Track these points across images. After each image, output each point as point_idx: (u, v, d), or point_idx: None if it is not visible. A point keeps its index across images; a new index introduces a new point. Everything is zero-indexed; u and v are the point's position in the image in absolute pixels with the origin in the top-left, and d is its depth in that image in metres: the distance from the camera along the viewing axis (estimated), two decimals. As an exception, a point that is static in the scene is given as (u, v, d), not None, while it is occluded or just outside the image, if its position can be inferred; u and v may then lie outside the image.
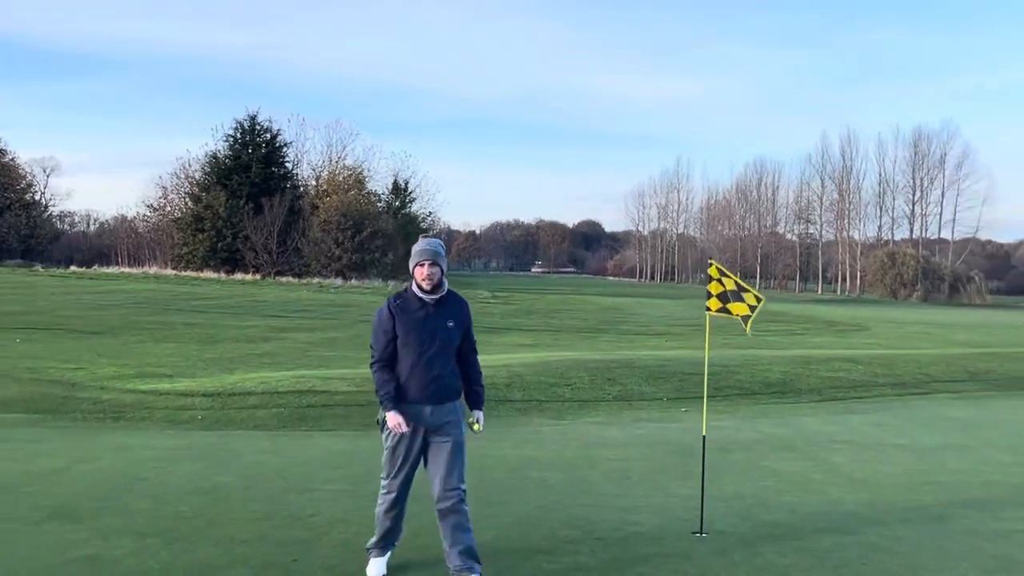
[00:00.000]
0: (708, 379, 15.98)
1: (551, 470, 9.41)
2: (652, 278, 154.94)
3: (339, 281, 60.30)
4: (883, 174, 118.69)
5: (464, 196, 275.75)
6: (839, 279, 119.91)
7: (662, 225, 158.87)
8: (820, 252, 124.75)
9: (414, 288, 5.78)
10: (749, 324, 7.68)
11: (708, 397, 14.98)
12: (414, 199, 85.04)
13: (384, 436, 5.83)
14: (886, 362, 18.65)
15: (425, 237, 5.98)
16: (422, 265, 5.69)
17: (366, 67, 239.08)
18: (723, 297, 7.50)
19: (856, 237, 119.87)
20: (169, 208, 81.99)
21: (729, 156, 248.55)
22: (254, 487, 8.37)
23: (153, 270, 69.55)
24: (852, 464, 9.97)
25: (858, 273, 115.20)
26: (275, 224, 66.75)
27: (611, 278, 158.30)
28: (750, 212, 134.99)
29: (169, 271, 67.73)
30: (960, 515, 7.76)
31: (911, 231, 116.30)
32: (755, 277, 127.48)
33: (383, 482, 5.94)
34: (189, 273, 65.47)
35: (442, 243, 5.96)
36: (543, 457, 10.17)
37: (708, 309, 7.61)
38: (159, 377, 16.74)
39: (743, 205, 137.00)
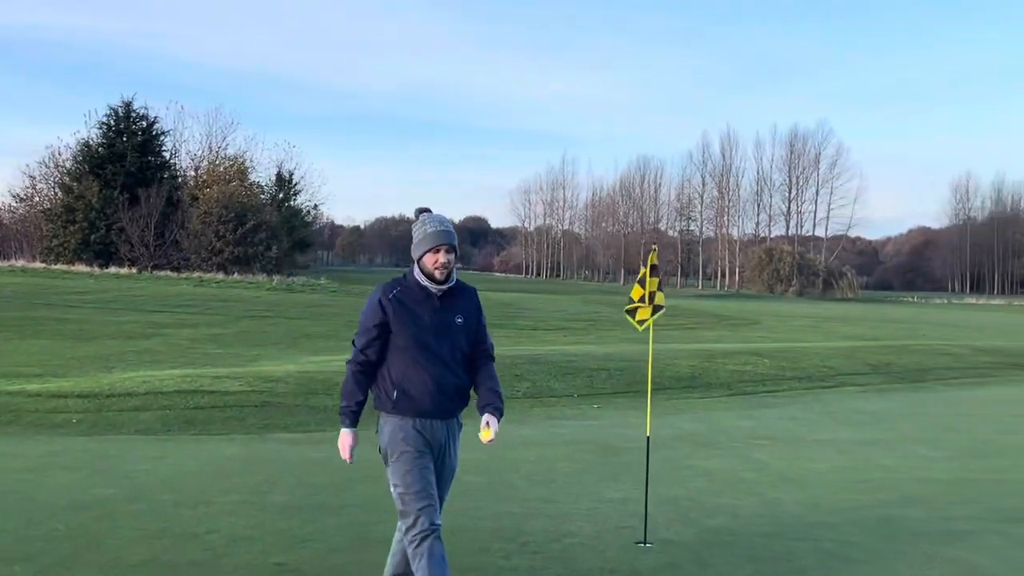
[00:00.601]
0: (619, 375, 15.68)
1: (471, 474, 8.69)
2: (538, 274, 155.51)
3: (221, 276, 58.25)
4: (761, 172, 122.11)
5: (347, 191, 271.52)
6: (719, 275, 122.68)
7: (548, 222, 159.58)
8: (700, 248, 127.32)
9: (417, 275, 4.59)
10: (644, 325, 7.18)
11: (619, 394, 14.62)
12: (299, 191, 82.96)
13: (389, 470, 4.57)
14: (790, 355, 18.59)
15: (426, 212, 4.72)
16: (436, 251, 4.49)
17: (247, 58, 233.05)
18: (642, 281, 6.99)
19: (735, 234, 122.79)
20: (38, 199, 77.84)
21: (614, 154, 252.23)
22: (140, 500, 7.43)
23: (20, 263, 65.91)
24: (779, 461, 9.60)
25: (737, 269, 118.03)
26: (152, 216, 63.96)
27: (498, 274, 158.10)
28: (634, 209, 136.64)
29: (38, 264, 64.25)
30: (904, 515, 7.41)
31: (787, 228, 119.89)
32: (637, 273, 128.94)
33: (410, 531, 4.46)
34: (60, 266, 62.11)
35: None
36: (462, 459, 9.45)
37: (631, 301, 7.06)
38: (27, 377, 15.36)
39: (627, 202, 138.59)
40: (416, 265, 4.61)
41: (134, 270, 59.79)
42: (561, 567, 5.90)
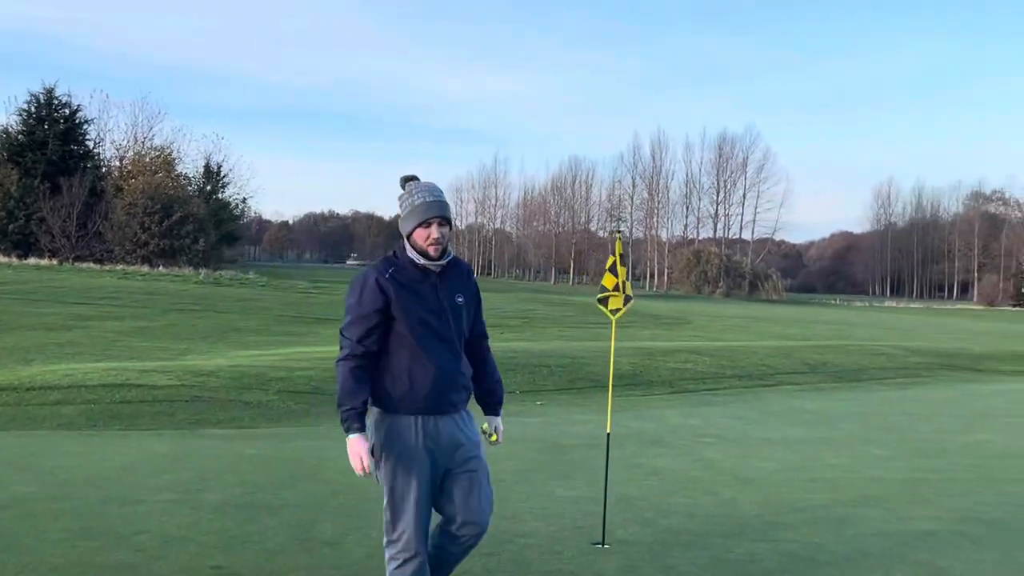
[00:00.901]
0: (560, 371, 15.45)
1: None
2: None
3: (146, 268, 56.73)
4: (690, 175, 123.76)
5: (276, 185, 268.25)
6: (648, 276, 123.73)
7: (479, 220, 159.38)
8: (631, 249, 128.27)
9: (409, 253, 4.04)
10: (619, 314, 6.92)
11: (562, 390, 14.39)
12: (227, 184, 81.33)
13: (380, 471, 4.03)
14: (728, 354, 18.57)
15: (413, 180, 4.19)
16: (428, 225, 3.95)
17: (174, 48, 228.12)
18: (613, 269, 6.72)
19: (664, 235, 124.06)
20: (-48, 187, 75.09)
21: (546, 153, 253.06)
22: (64, 499, 6.95)
23: (-68, 253, 63.47)
24: (729, 460, 9.44)
25: (666, 270, 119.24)
26: (74, 206, 62.05)
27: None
28: (565, 209, 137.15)
29: (-48, 255, 61.97)
30: (863, 516, 7.26)
31: (715, 230, 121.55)
32: (568, 273, 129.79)
33: (391, 545, 4.06)
34: (-26, 257, 60.06)
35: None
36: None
37: (604, 288, 6.79)
38: (-60, 369, 14.58)
39: (558, 202, 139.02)
40: (406, 242, 4.05)
41: (55, 261, 58.07)
42: (518, 569, 5.62)
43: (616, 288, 6.72)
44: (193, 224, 64.25)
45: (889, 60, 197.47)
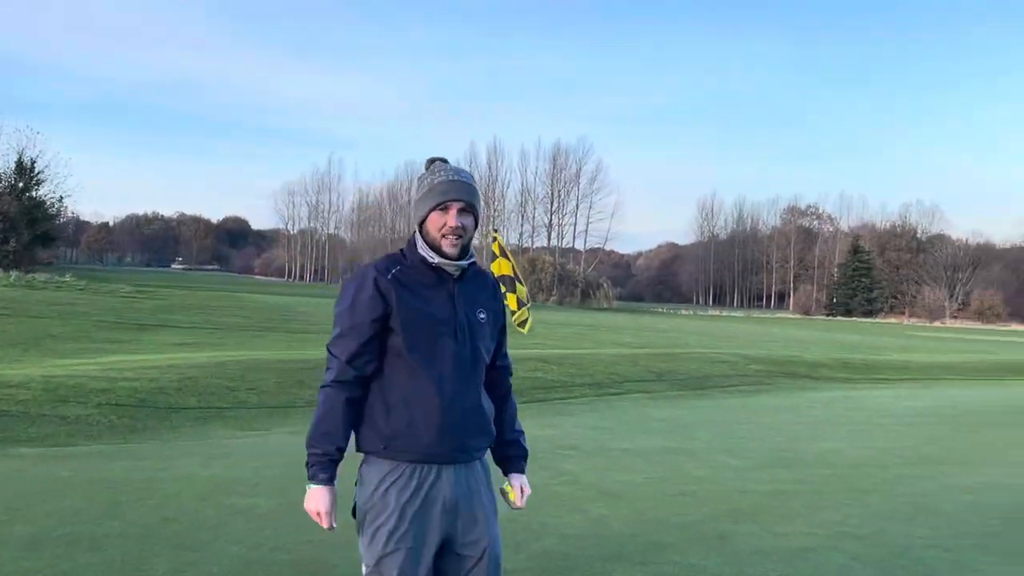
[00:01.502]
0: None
1: (257, 495, 7.59)
2: (302, 278, 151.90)
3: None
4: (525, 184, 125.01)
5: (96, 185, 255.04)
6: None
7: (313, 224, 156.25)
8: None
9: (421, 249, 3.12)
10: (528, 325, 6.41)
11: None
12: (42, 181, 76.35)
13: (363, 539, 3.07)
14: (576, 362, 18.34)
15: (439, 161, 3.30)
16: (446, 209, 3.09)
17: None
18: (505, 282, 6.18)
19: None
20: None
21: (381, 159, 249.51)
22: None
23: None
24: (591, 473, 9.04)
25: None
26: None
27: (259, 277, 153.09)
28: (400, 215, 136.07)
29: None
30: (739, 532, 6.97)
31: (549, 239, 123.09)
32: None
33: None
34: None
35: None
36: (243, 478, 8.28)
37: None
38: None
39: (394, 208, 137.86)
40: (417, 234, 3.16)
41: None
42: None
43: (521, 304, 6.21)
44: (3, 223, 60.06)
45: (715, 80, 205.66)
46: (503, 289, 6.08)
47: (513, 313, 6.22)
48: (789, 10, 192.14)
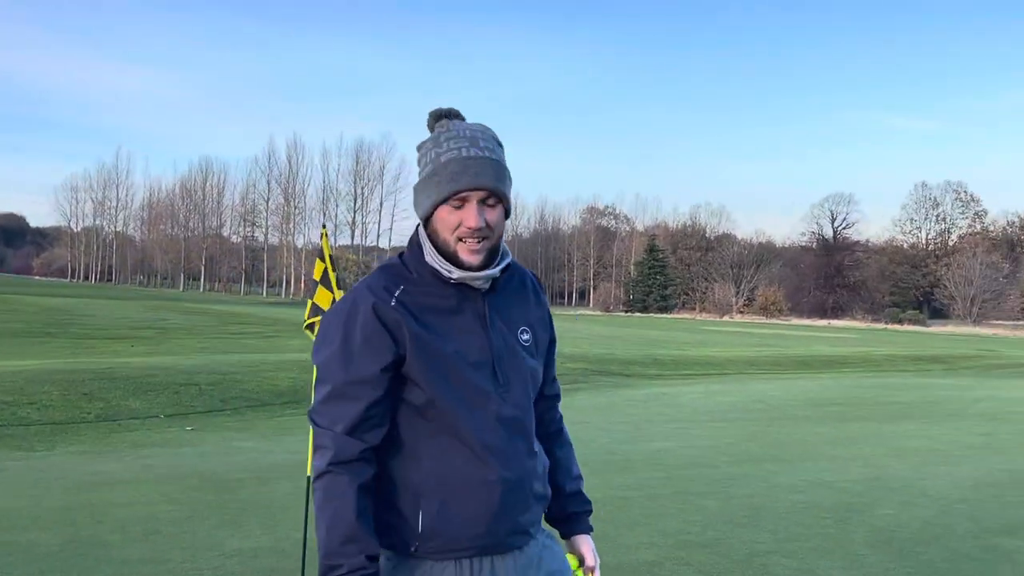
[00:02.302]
0: (211, 390, 13.68)
1: (40, 529, 6.57)
2: (87, 278, 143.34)
3: None
4: (327, 182, 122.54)
5: None
6: (283, 282, 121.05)
7: (99, 222, 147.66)
8: (266, 255, 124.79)
9: (431, 259, 2.13)
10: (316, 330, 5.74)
11: (214, 412, 12.67)
12: None
13: None
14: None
15: (449, 118, 2.28)
16: (461, 202, 2.11)
17: None
18: (312, 287, 5.52)
19: (300, 242, 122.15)
20: None
21: (173, 154, 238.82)
22: None
23: None
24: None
25: (302, 276, 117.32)
26: None
27: (38, 278, 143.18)
28: (195, 212, 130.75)
29: None
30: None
31: (352, 238, 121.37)
32: (200, 279, 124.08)
33: None
34: None
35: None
36: (21, 509, 7.19)
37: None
38: None
39: (188, 204, 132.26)
40: (422, 234, 2.18)
41: None
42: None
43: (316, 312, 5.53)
44: None
45: (516, 80, 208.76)
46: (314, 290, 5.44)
47: (304, 321, 5.56)
48: (590, 14, 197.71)
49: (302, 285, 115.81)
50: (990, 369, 28.86)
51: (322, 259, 5.61)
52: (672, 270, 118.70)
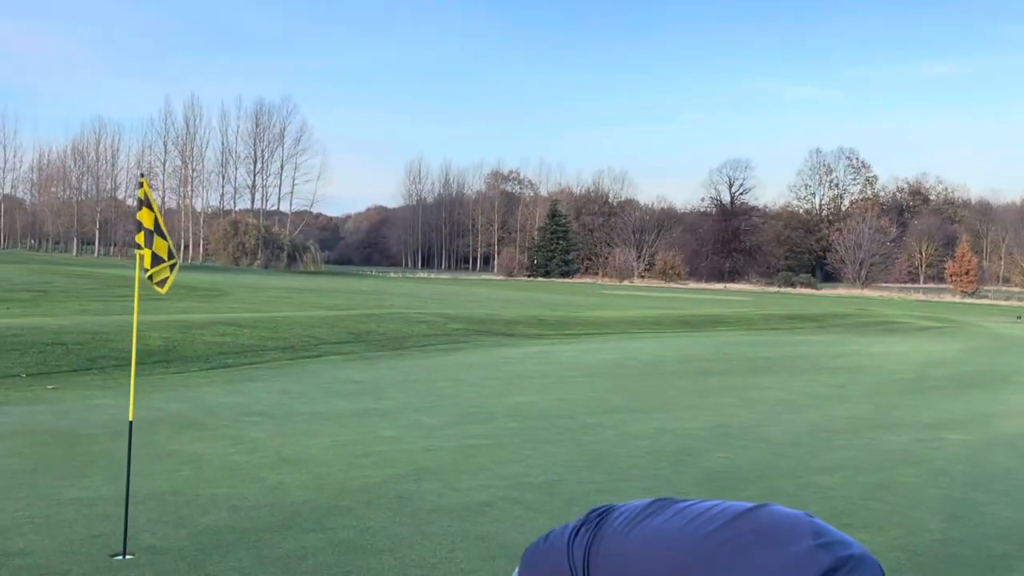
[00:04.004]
0: (78, 349, 13.49)
1: None
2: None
3: None
4: (226, 144, 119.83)
5: None
6: (182, 247, 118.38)
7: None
8: (163, 218, 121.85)
9: None
10: (168, 285, 5.83)
11: (80, 371, 12.54)
12: None
13: None
14: (270, 325, 17.58)
15: None
16: None
17: None
18: (146, 235, 5.56)
19: (199, 205, 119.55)
20: None
21: (64, 114, 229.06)
22: None
23: None
24: (276, 439, 8.59)
25: (201, 241, 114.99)
26: None
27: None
28: (88, 174, 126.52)
29: None
30: (420, 491, 6.83)
31: (252, 201, 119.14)
32: (95, 243, 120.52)
33: None
34: None
35: None
36: None
37: (138, 246, 5.59)
38: None
39: (80, 167, 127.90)
40: None
41: None
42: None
43: (170, 255, 5.60)
44: None
45: (420, 45, 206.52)
46: (140, 243, 5.49)
47: (147, 270, 5.60)
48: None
49: (201, 250, 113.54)
50: (859, 327, 30.07)
51: (149, 208, 5.66)
52: (575, 235, 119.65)
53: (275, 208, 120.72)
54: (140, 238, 5.55)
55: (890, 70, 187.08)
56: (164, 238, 5.72)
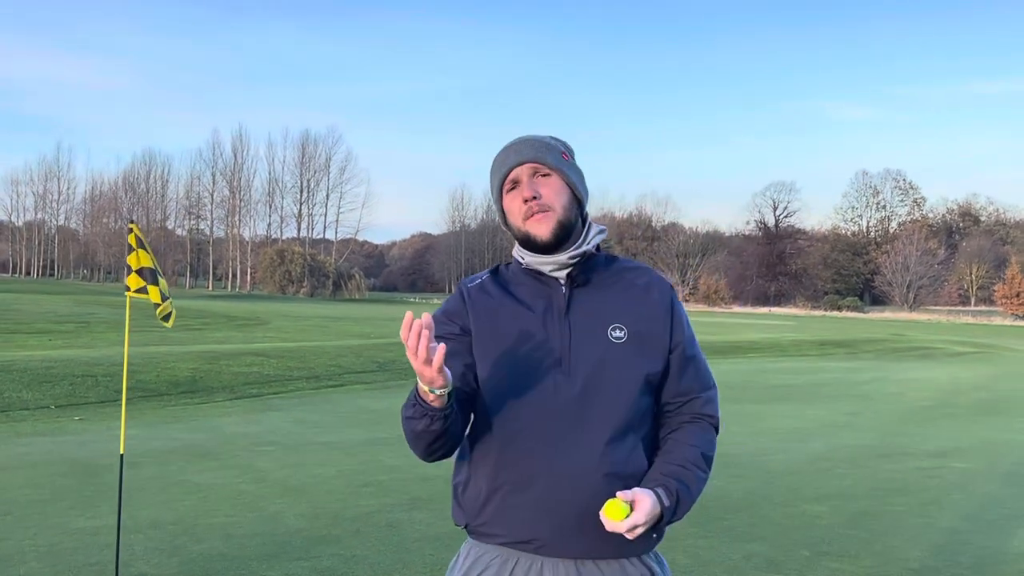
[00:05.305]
0: (107, 381, 13.97)
1: None
2: (28, 273, 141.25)
3: None
4: (273, 174, 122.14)
5: None
6: (230, 275, 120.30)
7: (40, 216, 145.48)
8: (211, 248, 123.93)
9: (517, 253, 2.26)
10: (173, 318, 6.18)
11: (107, 402, 12.99)
12: None
13: None
14: (298, 355, 18.01)
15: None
16: (515, 183, 2.22)
17: None
18: (145, 275, 5.90)
19: (247, 235, 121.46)
20: None
21: (116, 146, 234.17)
22: None
23: None
24: (283, 469, 8.90)
25: (248, 270, 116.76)
26: None
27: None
28: (138, 205, 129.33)
29: None
30: (410, 520, 7.07)
31: (299, 230, 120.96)
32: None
33: None
34: None
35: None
36: None
37: (127, 288, 5.93)
38: None
39: (131, 198, 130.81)
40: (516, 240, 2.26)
41: None
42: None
43: (164, 297, 5.96)
44: None
45: (460, 71, 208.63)
46: (142, 283, 5.82)
47: (157, 306, 5.96)
48: (538, 2, 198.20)
49: (248, 278, 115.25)
50: (890, 352, 29.85)
51: (144, 249, 5.99)
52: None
53: (321, 236, 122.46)
54: (132, 281, 5.84)
55: (938, 89, 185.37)
56: (163, 276, 6.08)
